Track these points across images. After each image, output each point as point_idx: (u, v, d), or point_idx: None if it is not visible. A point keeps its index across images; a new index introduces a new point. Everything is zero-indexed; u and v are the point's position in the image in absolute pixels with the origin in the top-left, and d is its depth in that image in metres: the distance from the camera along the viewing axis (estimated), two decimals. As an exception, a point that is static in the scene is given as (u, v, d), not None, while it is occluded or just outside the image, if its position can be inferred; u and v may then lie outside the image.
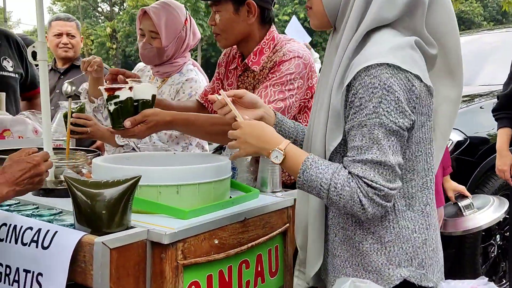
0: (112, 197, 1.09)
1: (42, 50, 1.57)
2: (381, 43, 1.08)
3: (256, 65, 1.76)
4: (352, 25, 1.12)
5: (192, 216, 1.24)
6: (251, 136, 1.17)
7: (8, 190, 1.10)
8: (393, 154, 1.04)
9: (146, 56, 2.08)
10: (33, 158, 1.16)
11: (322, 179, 1.07)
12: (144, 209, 1.25)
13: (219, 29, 1.74)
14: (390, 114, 1.03)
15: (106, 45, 25.86)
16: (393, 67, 1.04)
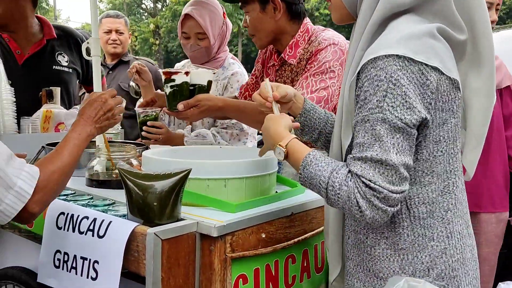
0: (163, 189, 1.11)
1: (95, 46, 1.63)
2: (395, 31, 1.00)
3: (292, 58, 1.77)
4: (365, 13, 1.05)
5: (239, 209, 1.25)
6: (265, 130, 1.17)
7: (91, 128, 1.22)
8: (397, 153, 0.95)
9: (195, 57, 2.14)
10: (101, 96, 1.27)
11: (320, 176, 1.01)
12: (193, 202, 1.27)
13: (252, 30, 1.76)
14: (396, 110, 0.95)
15: (149, 41, 26.47)
16: (404, 59, 0.95)
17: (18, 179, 0.98)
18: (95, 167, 1.52)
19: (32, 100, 1.98)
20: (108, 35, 3.05)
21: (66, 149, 1.13)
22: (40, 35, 2.12)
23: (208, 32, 2.05)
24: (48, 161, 1.09)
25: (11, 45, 2.04)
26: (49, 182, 1.04)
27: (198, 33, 2.07)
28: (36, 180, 1.01)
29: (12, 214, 0.98)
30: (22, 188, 0.99)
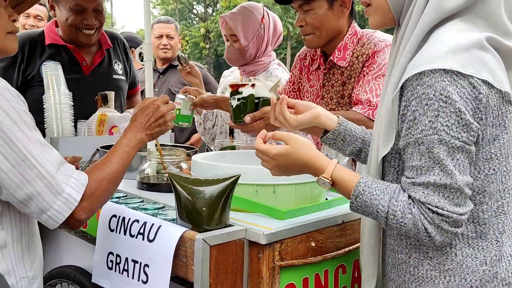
0: (213, 195, 1.11)
1: (148, 51, 1.66)
2: (440, 42, 0.92)
3: (342, 61, 1.73)
4: (414, 19, 0.97)
5: (289, 216, 1.22)
6: (292, 166, 1.07)
7: (142, 135, 1.22)
8: (461, 174, 0.90)
9: (229, 58, 2.20)
10: (153, 103, 1.27)
11: (378, 206, 0.95)
12: (242, 207, 1.26)
13: (312, 28, 1.71)
14: (451, 129, 0.88)
15: (199, 45, 27.02)
16: (452, 73, 0.88)
17: (67, 185, 0.99)
18: (146, 170, 1.55)
19: (92, 107, 2.06)
20: (159, 40, 3.12)
21: (115, 156, 1.13)
22: (98, 44, 2.20)
23: (238, 34, 2.09)
24: (97, 168, 1.10)
25: (77, 56, 2.13)
26: (97, 190, 1.05)
27: (231, 35, 2.13)
28: (84, 187, 1.02)
29: (59, 220, 1.00)
30: (70, 194, 0.99)
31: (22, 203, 0.98)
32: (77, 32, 2.06)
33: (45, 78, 1.89)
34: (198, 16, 30.33)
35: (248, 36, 2.10)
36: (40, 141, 1.00)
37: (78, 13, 2.02)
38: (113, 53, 2.27)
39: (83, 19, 2.03)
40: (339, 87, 1.75)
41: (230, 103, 1.55)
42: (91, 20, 2.04)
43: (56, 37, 2.10)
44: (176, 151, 1.61)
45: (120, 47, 2.34)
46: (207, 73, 3.14)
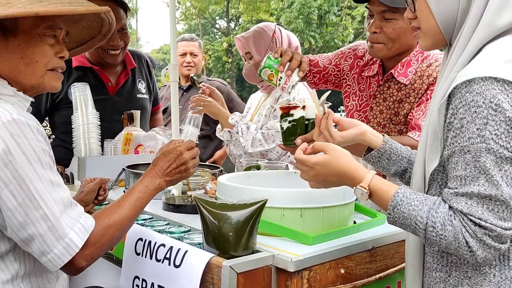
0: (240, 220, 1.09)
1: (174, 71, 1.67)
2: (491, 54, 0.91)
3: (403, 77, 1.69)
4: (466, 36, 0.95)
5: (316, 242, 1.19)
6: (331, 176, 1.06)
7: (160, 181, 1.17)
8: (508, 186, 0.85)
9: (247, 75, 2.25)
10: (177, 149, 1.22)
11: (416, 217, 0.92)
12: (268, 231, 1.23)
13: (387, 39, 1.65)
14: (500, 138, 0.85)
15: (222, 59, 27.32)
16: (503, 82, 0.86)
17: (71, 230, 0.96)
18: (172, 191, 1.55)
19: (118, 126, 2.08)
20: (183, 57, 3.15)
21: (128, 202, 1.09)
22: (122, 64, 2.24)
23: (251, 50, 2.15)
24: (106, 213, 1.05)
25: (103, 77, 2.17)
26: (102, 237, 1.00)
27: (246, 53, 2.20)
28: (89, 233, 0.98)
29: (58, 264, 0.96)
30: (72, 240, 0.95)
31: (24, 242, 0.96)
32: (103, 53, 2.09)
33: (74, 98, 1.93)
34: (220, 31, 30.72)
35: (261, 51, 2.15)
36: (52, 181, 0.97)
37: None
38: (138, 72, 2.30)
39: (109, 40, 2.06)
40: (393, 103, 1.71)
41: (280, 125, 1.54)
42: (117, 41, 2.08)
43: (83, 59, 2.14)
44: (201, 171, 1.60)
45: (143, 65, 2.37)
46: (230, 90, 3.15)
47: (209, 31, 32.34)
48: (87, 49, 1.23)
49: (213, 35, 32.01)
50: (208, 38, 30.83)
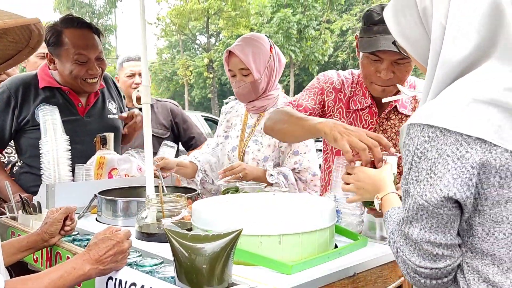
0: (214, 251, 1.03)
1: (145, 93, 1.61)
2: (444, 95, 0.90)
3: (403, 108, 1.71)
4: (430, 72, 0.95)
5: (296, 270, 1.14)
6: (366, 183, 1.21)
7: (90, 268, 1.09)
8: (421, 229, 0.90)
9: (242, 94, 2.08)
10: (117, 236, 1.16)
11: (388, 228, 1.05)
12: (245, 261, 1.18)
13: (399, 80, 1.62)
14: (418, 185, 0.88)
15: (203, 74, 27.35)
16: (436, 129, 0.85)
17: None
18: (145, 219, 1.47)
19: (90, 149, 2.00)
20: (131, 78, 2.88)
21: (49, 277, 1.02)
22: None
23: (251, 67, 2.00)
24: (22, 281, 0.98)
25: (72, 98, 2.09)
26: None
27: (242, 69, 2.03)
28: None
29: None
30: None
31: None
32: (82, 82, 2.03)
33: (41, 122, 1.85)
34: (201, 47, 30.81)
35: (260, 69, 2.03)
36: None
37: (82, 64, 1.99)
38: (106, 93, 2.23)
39: (88, 69, 2.01)
40: (395, 134, 1.71)
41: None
42: (95, 69, 2.01)
43: (51, 80, 2.06)
44: (176, 196, 1.54)
45: (111, 86, 2.30)
46: (183, 111, 2.97)
47: (189, 47, 32.42)
48: (14, 64, 1.13)
49: (193, 51, 32.09)
50: (189, 54, 30.86)
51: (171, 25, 26.56)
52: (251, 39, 2.07)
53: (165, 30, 27.81)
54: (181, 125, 2.86)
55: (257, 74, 2.02)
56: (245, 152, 2.11)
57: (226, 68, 2.11)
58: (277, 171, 1.98)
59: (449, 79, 0.91)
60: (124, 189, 1.86)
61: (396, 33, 1.04)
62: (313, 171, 2.03)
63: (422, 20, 0.98)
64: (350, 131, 1.32)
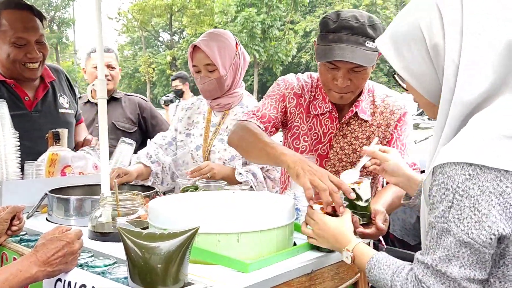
0: (169, 250, 1.00)
1: (101, 88, 1.55)
2: (471, 131, 0.90)
3: (363, 114, 1.71)
4: (443, 106, 0.95)
5: (254, 268, 1.12)
6: (327, 233, 1.20)
7: (38, 270, 1.04)
8: (461, 267, 0.89)
9: (207, 90, 2.03)
10: (67, 236, 1.11)
11: (384, 280, 1.02)
12: (202, 259, 1.15)
13: (356, 87, 1.64)
14: (462, 223, 0.87)
15: (166, 72, 26.96)
16: (475, 167, 0.86)
17: None
18: (99, 218, 1.42)
19: (42, 145, 1.91)
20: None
21: None
22: (40, 78, 2.07)
23: (217, 63, 1.96)
24: None
25: (18, 91, 1.98)
26: None
27: (207, 64, 1.98)
28: None
29: None
30: None
31: None
32: (21, 67, 1.92)
33: (-12, 117, 1.75)
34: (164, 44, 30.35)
35: (226, 65, 1.99)
36: None
37: (21, 47, 1.89)
38: (58, 86, 2.13)
39: (27, 53, 1.90)
40: (355, 139, 1.72)
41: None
42: (35, 53, 1.91)
43: None
44: (132, 194, 1.49)
45: (63, 79, 2.20)
46: (152, 106, 2.91)
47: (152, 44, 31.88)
48: None
49: (156, 48, 31.57)
50: (152, 51, 30.32)
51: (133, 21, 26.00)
52: (216, 35, 2.03)
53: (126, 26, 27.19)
54: (150, 120, 2.79)
55: (223, 70, 1.99)
56: (211, 151, 2.07)
57: (190, 63, 2.06)
58: (246, 170, 1.96)
59: (464, 115, 0.93)
60: (77, 188, 1.78)
61: (399, 67, 1.02)
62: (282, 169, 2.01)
63: (431, 56, 0.97)
64: (314, 170, 1.32)
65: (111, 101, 2.85)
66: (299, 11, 25.40)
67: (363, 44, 1.54)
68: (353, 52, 1.52)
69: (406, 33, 1.01)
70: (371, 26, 1.56)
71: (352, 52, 1.52)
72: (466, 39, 0.92)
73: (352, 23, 1.54)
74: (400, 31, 1.03)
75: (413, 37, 0.99)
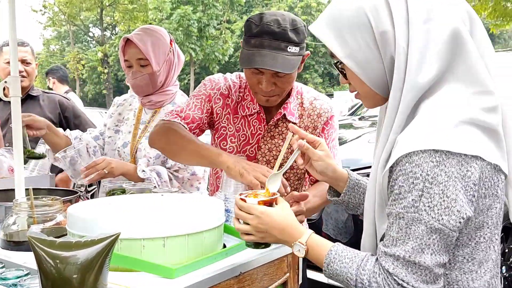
0: (86, 259, 0.93)
1: (14, 86, 1.44)
2: (428, 120, 0.92)
3: (291, 116, 1.71)
4: (395, 96, 0.96)
5: (179, 274, 1.09)
6: (272, 226, 1.09)
7: None
8: (432, 254, 0.90)
9: (138, 85, 1.95)
10: None
11: (347, 274, 0.97)
12: (125, 267, 1.10)
13: (281, 91, 1.63)
14: (432, 210, 0.89)
15: (97, 69, 25.84)
16: (441, 153, 0.88)
17: None
18: (12, 226, 1.31)
19: None
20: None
21: None
22: None
23: (150, 58, 1.90)
24: None
25: None
26: None
27: (140, 59, 1.92)
28: None
29: None
30: None
31: None
32: None
33: None
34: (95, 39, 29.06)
35: (159, 60, 1.93)
36: None
37: None
38: None
39: None
40: (283, 141, 1.71)
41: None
42: None
43: None
44: (50, 199, 1.39)
45: None
46: (75, 104, 2.76)
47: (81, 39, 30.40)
48: None
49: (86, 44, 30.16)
50: (81, 47, 28.93)
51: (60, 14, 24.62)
52: (151, 30, 1.98)
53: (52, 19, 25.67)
54: (72, 120, 2.63)
55: (156, 66, 1.93)
56: (138, 149, 2.01)
57: (122, 58, 1.98)
58: (150, 168, 1.90)
59: (414, 101, 0.95)
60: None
61: (343, 55, 0.99)
62: (192, 170, 1.97)
63: (378, 44, 0.96)
64: (255, 166, 1.33)
65: (28, 99, 2.65)
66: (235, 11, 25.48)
67: (285, 49, 1.53)
68: (274, 59, 1.51)
69: (350, 19, 0.98)
70: (293, 30, 1.55)
71: (272, 59, 1.51)
72: (413, 27, 0.94)
73: (274, 28, 1.53)
74: (343, 17, 0.99)
75: (358, 24, 0.97)
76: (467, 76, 0.95)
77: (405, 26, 0.94)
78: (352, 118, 4.73)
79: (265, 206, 1.11)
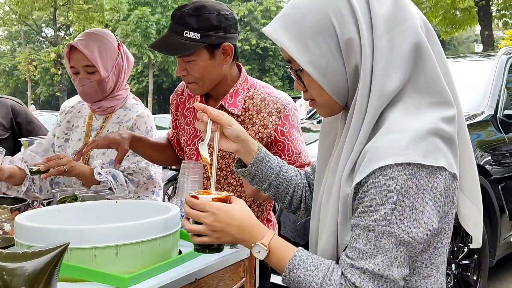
0: (34, 270, 0.91)
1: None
2: (398, 130, 0.91)
3: (233, 107, 1.67)
4: (361, 104, 0.94)
5: (132, 283, 1.07)
6: (231, 225, 0.99)
7: None
8: (398, 267, 0.90)
9: (87, 92, 1.90)
10: None
11: (311, 282, 0.93)
12: (75, 277, 1.07)
13: (194, 78, 1.62)
14: (403, 223, 0.89)
15: (50, 70, 24.93)
16: (413, 166, 0.88)
17: None
18: (-46, 237, 1.25)
19: None
20: None
21: None
22: None
23: (97, 64, 1.85)
24: None
25: None
26: None
27: (86, 65, 1.86)
28: None
29: None
30: None
31: None
32: None
33: None
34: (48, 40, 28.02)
35: (107, 66, 1.88)
36: None
37: None
38: None
39: None
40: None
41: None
42: None
43: None
44: (-3, 208, 1.33)
45: None
46: (27, 110, 2.62)
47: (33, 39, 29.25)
48: None
49: (39, 44, 29.04)
50: (33, 47, 27.81)
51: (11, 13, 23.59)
52: (96, 35, 1.92)
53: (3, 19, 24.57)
54: (25, 126, 2.51)
55: (105, 72, 1.88)
56: (90, 156, 1.95)
57: (68, 64, 1.92)
58: (105, 171, 1.87)
59: (380, 110, 0.94)
60: None
61: (305, 61, 0.95)
62: (149, 173, 1.93)
63: (342, 52, 0.94)
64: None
65: None
66: (194, 13, 25.24)
67: (181, 33, 1.55)
68: (165, 41, 1.57)
69: (313, 24, 0.94)
70: (195, 16, 1.55)
71: (164, 42, 1.57)
72: (377, 34, 0.92)
73: (176, 12, 1.59)
74: (305, 21, 0.95)
75: (322, 30, 0.94)
76: (427, 85, 0.96)
77: (369, 33, 0.93)
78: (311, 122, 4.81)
79: (221, 202, 1.01)
